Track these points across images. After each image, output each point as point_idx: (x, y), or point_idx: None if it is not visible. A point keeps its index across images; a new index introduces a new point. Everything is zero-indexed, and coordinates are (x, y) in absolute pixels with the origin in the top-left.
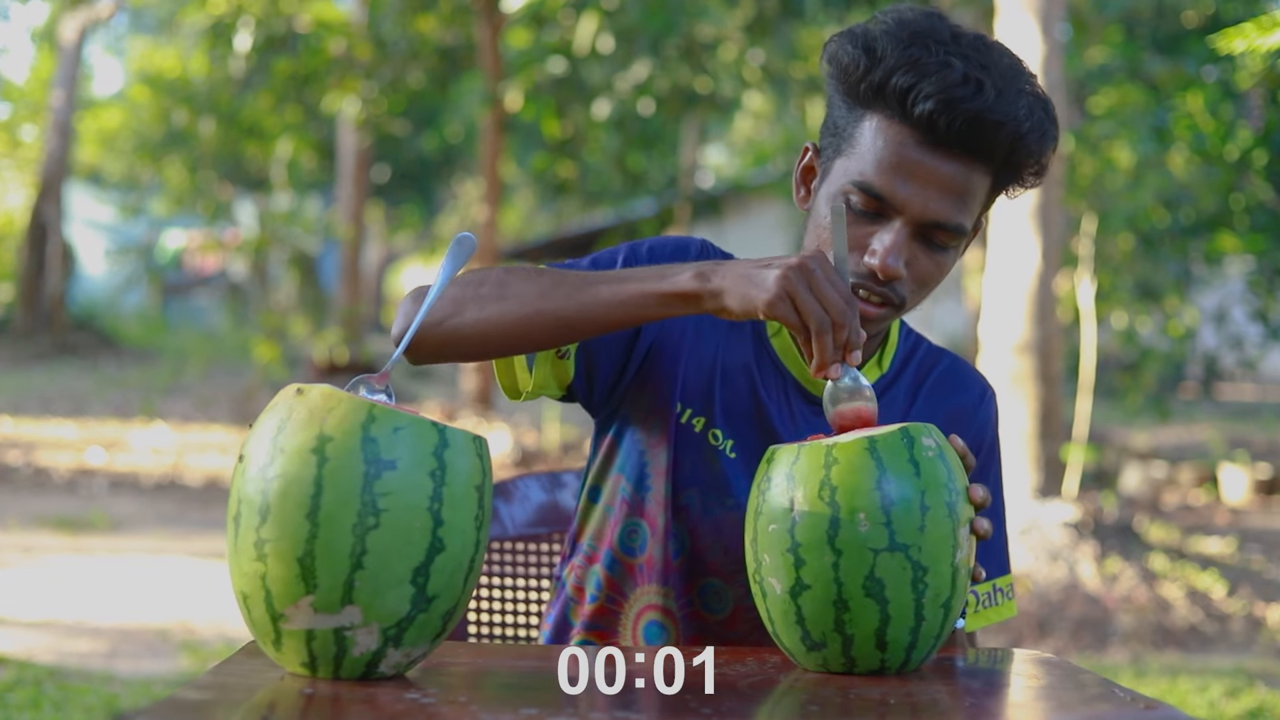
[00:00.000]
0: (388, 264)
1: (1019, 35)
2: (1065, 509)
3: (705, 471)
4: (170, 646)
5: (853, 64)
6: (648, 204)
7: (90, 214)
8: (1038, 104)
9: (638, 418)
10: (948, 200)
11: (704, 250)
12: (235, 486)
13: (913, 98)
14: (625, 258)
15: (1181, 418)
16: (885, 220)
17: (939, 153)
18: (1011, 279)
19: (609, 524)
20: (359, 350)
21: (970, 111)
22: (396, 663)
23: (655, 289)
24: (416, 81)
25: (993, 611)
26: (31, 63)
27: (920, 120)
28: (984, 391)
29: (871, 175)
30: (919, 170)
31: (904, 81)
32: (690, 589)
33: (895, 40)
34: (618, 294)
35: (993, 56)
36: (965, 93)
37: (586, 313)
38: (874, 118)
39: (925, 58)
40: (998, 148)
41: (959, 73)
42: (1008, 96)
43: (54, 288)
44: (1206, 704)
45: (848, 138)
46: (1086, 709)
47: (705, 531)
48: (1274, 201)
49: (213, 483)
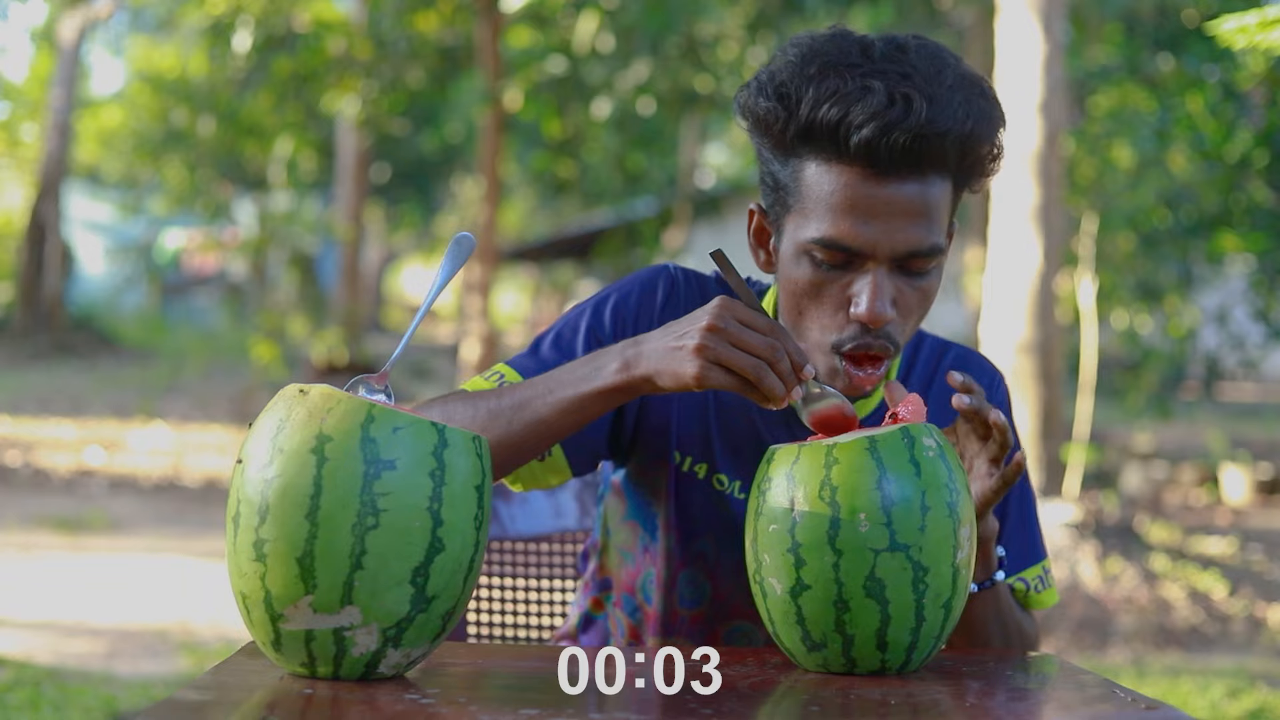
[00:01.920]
0: (387, 264)
1: (1019, 35)
2: (1066, 509)
3: (715, 517)
4: (169, 647)
5: (770, 115)
6: (648, 204)
7: (89, 214)
8: (973, 92)
9: (637, 470)
10: (916, 226)
11: (672, 284)
12: (234, 487)
13: (843, 133)
14: (588, 325)
15: (1183, 418)
16: (857, 267)
17: (890, 180)
18: (1012, 279)
19: (628, 571)
20: (358, 350)
21: (908, 130)
22: (396, 663)
23: (587, 390)
24: (416, 81)
25: (1046, 595)
26: (31, 62)
27: (859, 153)
28: (994, 377)
29: (828, 227)
30: (875, 206)
31: (830, 117)
32: (715, 636)
33: (805, 78)
34: (553, 406)
35: (910, 60)
36: (896, 113)
37: (532, 432)
38: (809, 163)
39: (843, 87)
40: (948, 156)
41: (882, 94)
42: (939, 100)
43: (53, 287)
44: (1208, 704)
45: (791, 190)
46: (1087, 709)
47: (725, 576)
48: (1274, 201)
49: (212, 483)
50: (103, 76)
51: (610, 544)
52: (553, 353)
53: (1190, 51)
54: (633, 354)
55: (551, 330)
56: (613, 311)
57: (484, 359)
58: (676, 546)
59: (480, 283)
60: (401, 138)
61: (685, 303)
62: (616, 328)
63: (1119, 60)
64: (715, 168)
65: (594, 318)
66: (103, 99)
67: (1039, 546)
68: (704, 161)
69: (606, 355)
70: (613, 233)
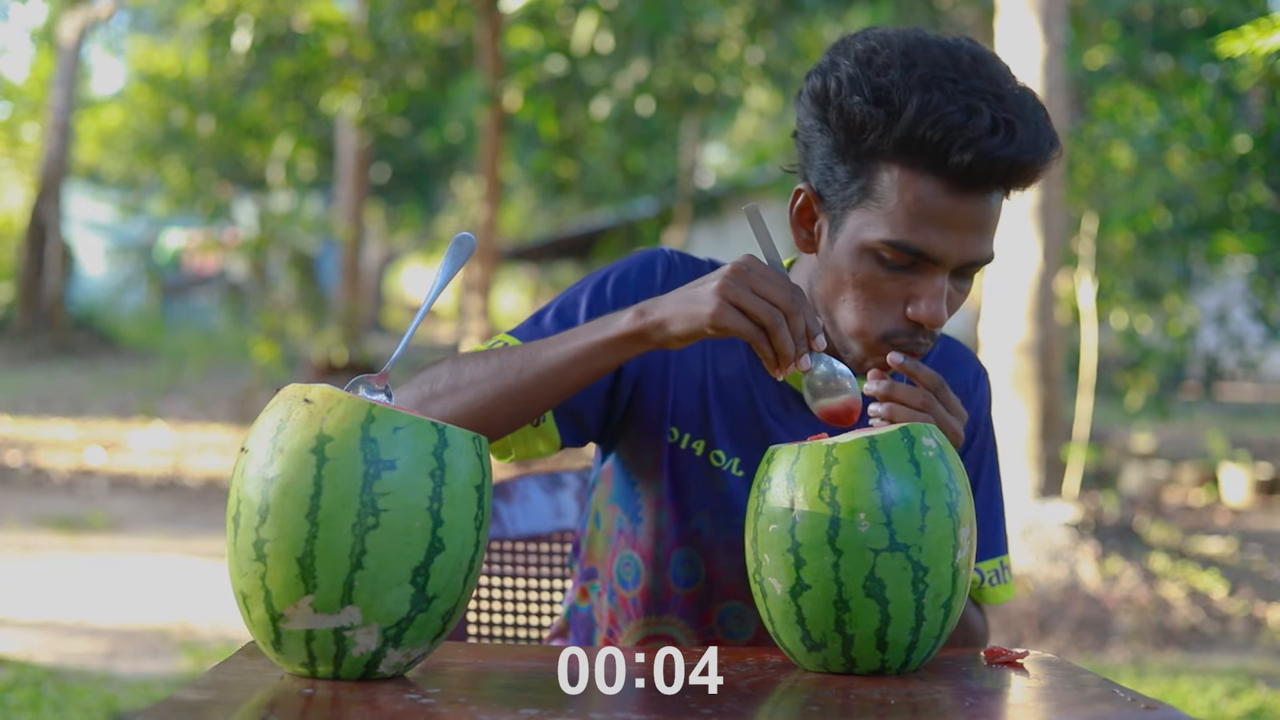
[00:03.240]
0: (387, 264)
1: (1019, 35)
2: (1066, 509)
3: (712, 494)
4: (170, 647)
5: (869, 120)
6: (648, 204)
7: (90, 214)
8: (1043, 114)
9: (629, 449)
10: (983, 237)
11: (669, 264)
12: (235, 486)
13: (944, 151)
14: (589, 299)
15: (1182, 418)
16: (921, 271)
17: (970, 196)
18: (1012, 279)
19: (610, 555)
20: (358, 350)
21: (1007, 158)
22: (396, 663)
23: (600, 338)
24: (416, 81)
25: (1002, 589)
26: (31, 62)
27: (954, 171)
28: (978, 372)
29: (905, 233)
30: (953, 219)
31: (934, 135)
32: (709, 616)
33: (908, 87)
34: (565, 355)
35: (992, 74)
36: (999, 141)
37: (543, 382)
38: (894, 170)
39: (946, 105)
40: (1030, 182)
41: (988, 119)
42: (1033, 130)
43: (53, 287)
44: (1207, 704)
45: (861, 189)
46: (1087, 709)
47: (720, 555)
48: (1273, 201)
49: (212, 483)
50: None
51: (598, 532)
52: (555, 324)
53: (1189, 52)
54: (648, 304)
55: (553, 304)
56: (614, 286)
57: None
58: (672, 524)
59: (480, 283)
60: (401, 138)
61: (684, 282)
62: (618, 303)
63: (1118, 60)
64: (715, 168)
65: (595, 293)
66: (103, 99)
67: (1001, 540)
68: (704, 161)
69: (621, 311)
70: (613, 233)
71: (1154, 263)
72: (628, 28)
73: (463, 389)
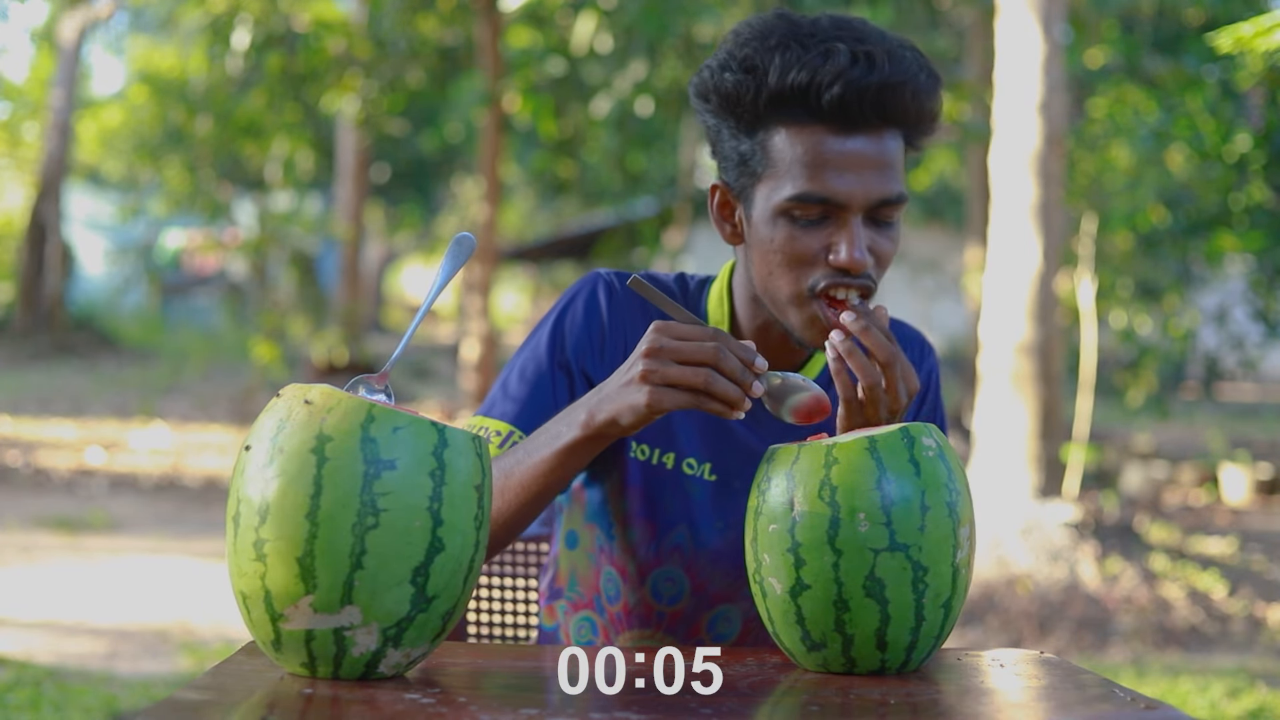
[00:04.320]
0: (387, 264)
1: (1019, 35)
2: (1066, 509)
3: (688, 504)
4: (170, 647)
5: (740, 87)
6: (648, 204)
7: (90, 214)
8: (917, 52)
9: (598, 468)
10: (883, 176)
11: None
12: (235, 486)
13: (814, 93)
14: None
15: (1182, 418)
16: (834, 220)
17: (856, 135)
18: (1011, 279)
19: (595, 572)
20: (358, 350)
21: (874, 85)
22: (396, 663)
23: (562, 445)
24: (416, 81)
25: None
26: (31, 62)
27: (831, 110)
28: (922, 345)
29: (805, 184)
30: (847, 160)
31: (799, 80)
32: (697, 627)
33: (767, 49)
34: (536, 469)
35: (857, 28)
36: (861, 70)
37: (527, 500)
38: (779, 130)
39: (805, 53)
40: (907, 110)
41: (846, 54)
42: (895, 57)
43: (53, 287)
44: (1207, 704)
45: (759, 160)
46: (1087, 709)
47: (704, 565)
48: (1273, 201)
49: (212, 483)
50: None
51: (572, 552)
52: (521, 386)
53: (1189, 51)
54: (594, 403)
55: (513, 366)
56: (568, 325)
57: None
58: (649, 544)
59: (480, 283)
60: (401, 138)
61: (629, 303)
62: (572, 339)
63: (1118, 60)
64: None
65: (552, 339)
66: (103, 99)
67: None
68: (704, 161)
69: (575, 410)
70: (613, 233)
71: (1154, 262)
72: (627, 28)
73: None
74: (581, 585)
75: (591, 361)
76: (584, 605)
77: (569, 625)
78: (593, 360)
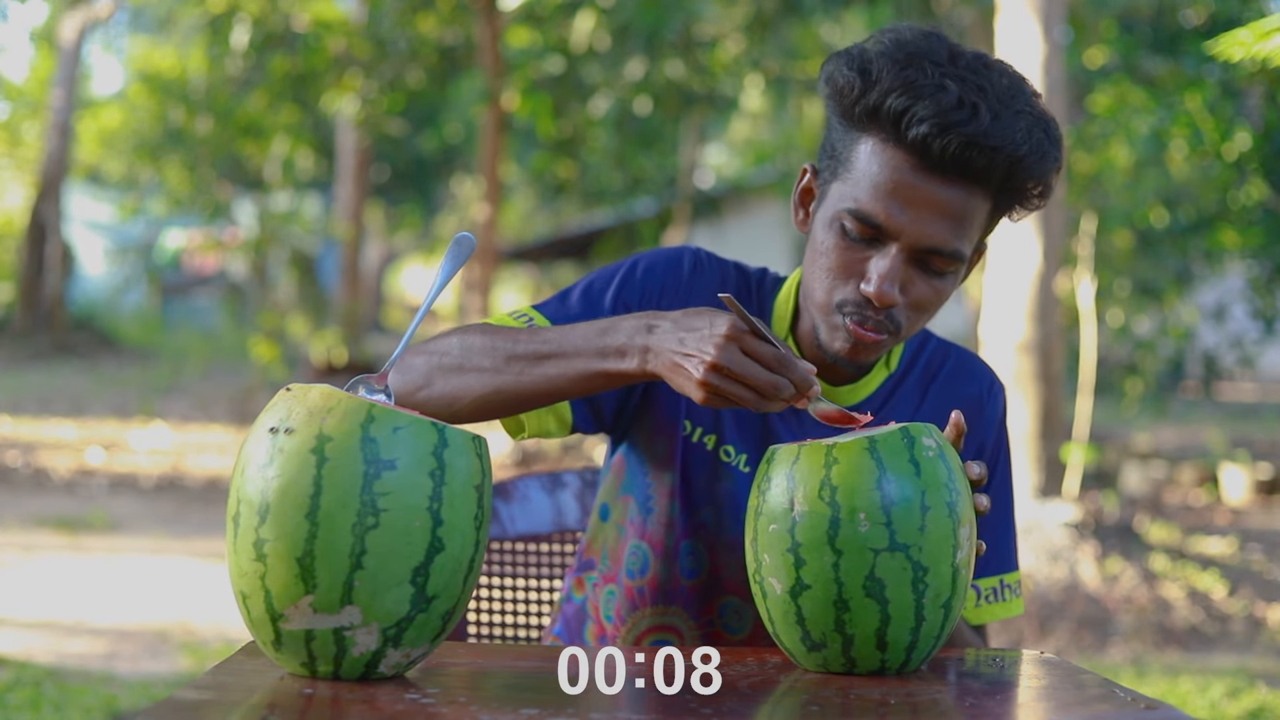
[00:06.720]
0: (387, 264)
1: (1019, 35)
2: (1066, 509)
3: (718, 489)
4: (170, 647)
5: (848, 86)
6: (648, 204)
7: (89, 214)
8: (1037, 125)
9: (644, 439)
10: (944, 225)
11: (696, 262)
12: (235, 486)
13: (907, 121)
14: (619, 286)
15: (1182, 417)
16: (881, 246)
17: (935, 177)
18: (1011, 279)
19: (621, 545)
20: (358, 350)
21: (965, 136)
22: (396, 663)
23: (604, 369)
24: (416, 81)
25: (999, 607)
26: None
27: (915, 144)
28: (991, 384)
29: (866, 201)
30: (914, 195)
31: (898, 104)
32: (709, 609)
33: (891, 61)
34: (567, 374)
35: (991, 77)
36: (960, 116)
37: (539, 391)
38: (869, 141)
39: (920, 80)
40: (994, 172)
41: (953, 95)
42: (1004, 119)
43: (53, 287)
44: (1207, 704)
45: (844, 161)
46: (1087, 709)
47: (722, 549)
48: (1272, 200)
49: (212, 483)
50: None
51: (605, 524)
52: (581, 304)
53: (1188, 52)
54: (649, 344)
55: (581, 283)
56: (643, 276)
57: None
58: (680, 516)
59: (480, 283)
60: (401, 138)
61: (708, 281)
62: (645, 293)
63: (1117, 60)
64: (715, 168)
65: (624, 280)
66: (103, 99)
67: (1008, 557)
68: (703, 162)
69: (624, 332)
70: (612, 233)
71: (1153, 261)
72: (625, 27)
73: (467, 370)
74: (610, 559)
75: None
76: (610, 579)
77: (598, 597)
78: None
